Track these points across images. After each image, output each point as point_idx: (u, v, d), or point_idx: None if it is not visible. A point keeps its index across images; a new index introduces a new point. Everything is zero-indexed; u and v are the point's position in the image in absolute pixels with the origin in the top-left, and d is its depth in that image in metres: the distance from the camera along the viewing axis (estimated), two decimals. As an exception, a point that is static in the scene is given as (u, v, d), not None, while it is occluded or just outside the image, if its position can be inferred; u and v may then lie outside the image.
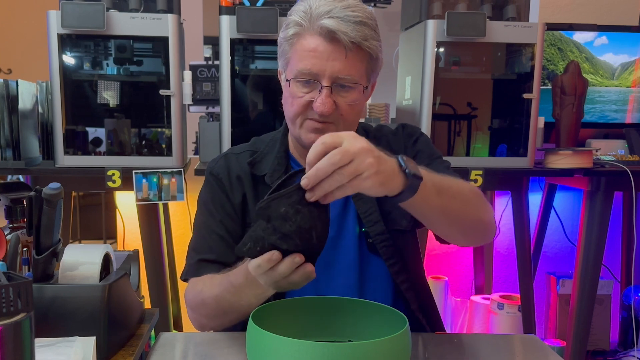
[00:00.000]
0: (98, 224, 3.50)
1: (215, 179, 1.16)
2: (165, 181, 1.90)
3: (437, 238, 1.14)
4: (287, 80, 1.05)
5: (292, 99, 1.05)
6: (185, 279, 1.13)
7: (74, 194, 2.30)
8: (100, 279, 0.95)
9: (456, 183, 0.99)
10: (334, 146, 0.77)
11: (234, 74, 1.93)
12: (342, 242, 1.13)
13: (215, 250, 1.11)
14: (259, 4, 1.95)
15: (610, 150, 2.34)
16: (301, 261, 0.82)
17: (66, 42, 1.86)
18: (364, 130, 1.20)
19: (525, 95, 1.98)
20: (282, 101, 1.11)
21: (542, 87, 2.02)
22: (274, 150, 1.17)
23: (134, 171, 1.87)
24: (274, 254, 0.81)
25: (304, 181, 0.78)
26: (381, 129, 1.24)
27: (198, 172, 1.88)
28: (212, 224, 1.13)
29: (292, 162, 1.17)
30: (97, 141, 1.94)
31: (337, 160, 0.76)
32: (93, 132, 1.94)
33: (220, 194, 1.15)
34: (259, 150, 1.18)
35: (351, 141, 0.78)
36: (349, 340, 0.93)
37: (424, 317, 1.16)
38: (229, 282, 0.96)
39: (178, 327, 2.35)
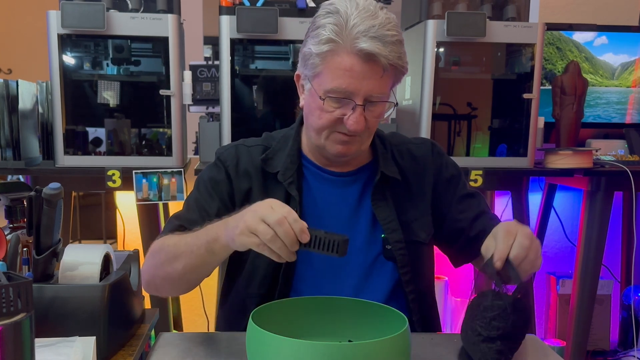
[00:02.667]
0: (98, 224, 3.49)
1: (221, 164, 1.16)
2: (165, 181, 1.90)
3: (456, 262, 1.23)
4: (321, 98, 1.03)
5: (320, 112, 1.04)
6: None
7: (74, 194, 2.29)
8: (100, 279, 0.95)
9: None
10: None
11: (234, 74, 1.93)
12: (352, 244, 1.13)
13: (199, 225, 1.08)
14: (259, 4, 1.94)
15: (610, 150, 2.34)
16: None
17: (66, 42, 1.86)
18: (378, 137, 1.19)
19: (525, 95, 1.98)
20: (305, 109, 1.10)
21: (541, 87, 2.02)
22: (286, 147, 1.15)
23: (134, 171, 1.87)
24: None
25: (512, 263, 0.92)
26: (396, 136, 1.24)
27: (198, 172, 1.88)
28: (203, 203, 1.13)
29: (304, 161, 1.16)
30: (97, 141, 1.94)
31: (526, 244, 0.93)
32: (93, 132, 1.94)
33: (222, 178, 1.14)
34: (271, 147, 1.17)
35: (525, 231, 0.96)
36: (349, 340, 0.93)
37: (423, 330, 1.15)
38: (194, 240, 1.00)
39: (178, 327, 2.35)
